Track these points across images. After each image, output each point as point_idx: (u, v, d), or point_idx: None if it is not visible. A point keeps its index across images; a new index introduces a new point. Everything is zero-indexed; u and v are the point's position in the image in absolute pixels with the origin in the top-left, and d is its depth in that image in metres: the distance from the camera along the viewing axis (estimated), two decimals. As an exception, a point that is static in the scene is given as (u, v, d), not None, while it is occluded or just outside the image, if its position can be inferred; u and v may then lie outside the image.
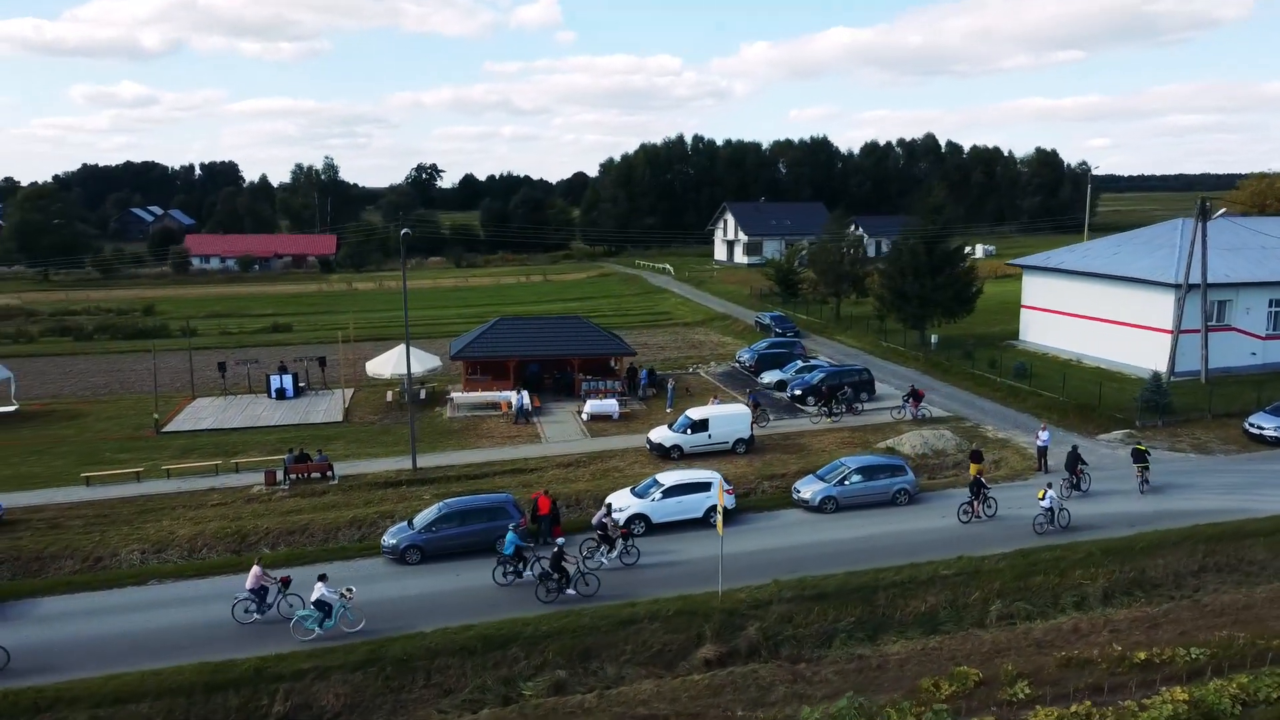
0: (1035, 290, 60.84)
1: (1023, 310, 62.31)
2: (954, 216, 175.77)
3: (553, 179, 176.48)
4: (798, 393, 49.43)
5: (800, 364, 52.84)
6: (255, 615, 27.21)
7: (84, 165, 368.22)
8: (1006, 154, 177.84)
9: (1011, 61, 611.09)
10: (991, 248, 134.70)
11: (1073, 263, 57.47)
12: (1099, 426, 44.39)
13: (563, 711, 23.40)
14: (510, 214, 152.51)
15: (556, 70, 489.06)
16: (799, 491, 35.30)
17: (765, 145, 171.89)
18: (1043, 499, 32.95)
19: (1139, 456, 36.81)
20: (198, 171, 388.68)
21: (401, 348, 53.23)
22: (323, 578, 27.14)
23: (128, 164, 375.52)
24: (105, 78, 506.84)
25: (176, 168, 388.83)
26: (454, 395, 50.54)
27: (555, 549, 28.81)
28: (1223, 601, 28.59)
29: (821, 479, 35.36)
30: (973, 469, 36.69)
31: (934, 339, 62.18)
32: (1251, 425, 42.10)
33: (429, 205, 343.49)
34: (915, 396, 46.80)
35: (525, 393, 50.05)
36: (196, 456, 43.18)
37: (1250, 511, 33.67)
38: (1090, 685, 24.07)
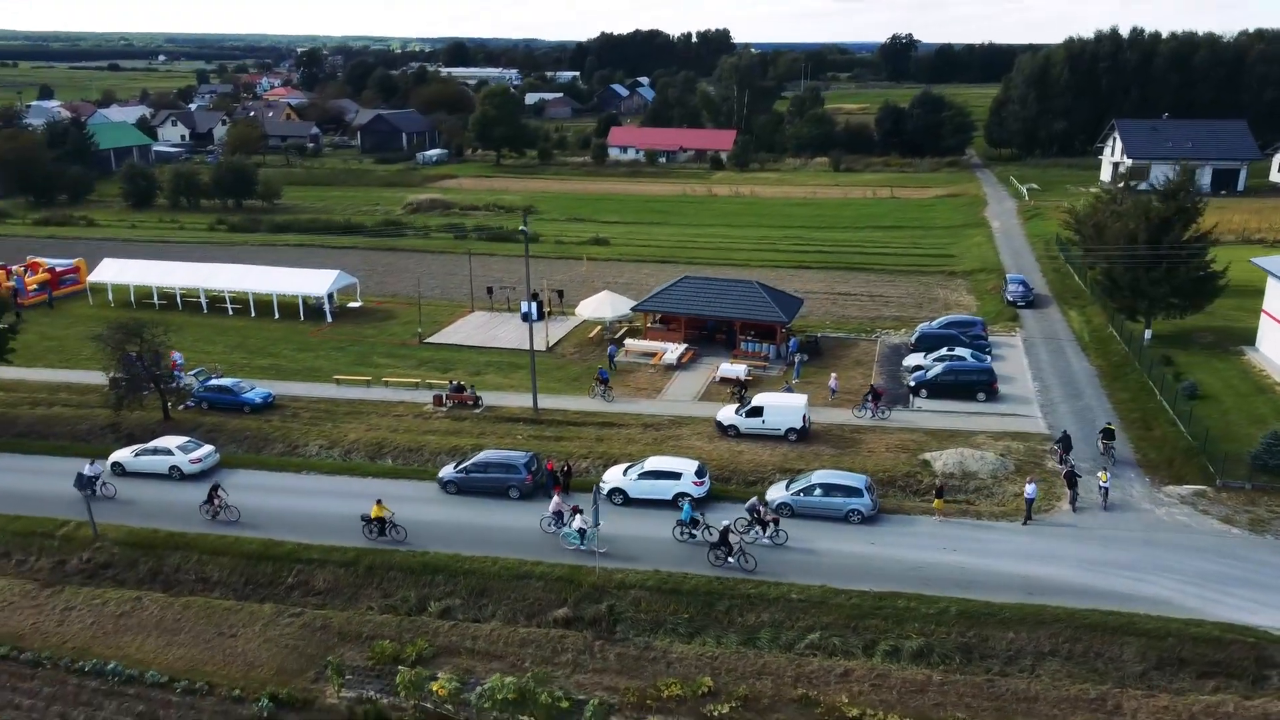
0: (1276, 296, 53.64)
1: (1262, 316, 55.22)
2: None
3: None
4: (912, 384, 51.59)
5: (945, 351, 53.96)
6: (554, 530, 37.94)
7: (601, 34, 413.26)
8: None
9: None
10: None
11: (1304, 275, 50.11)
12: (1175, 477, 41.90)
13: (426, 629, 33.96)
14: (906, 114, 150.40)
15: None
16: (766, 493, 40.61)
17: (1227, 37, 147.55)
18: (1104, 481, 39.43)
19: (1108, 434, 43.35)
20: (693, 38, 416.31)
21: (605, 293, 64.00)
22: (578, 510, 37.45)
23: (635, 33, 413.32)
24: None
25: (676, 36, 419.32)
26: (627, 342, 60.09)
27: (723, 526, 36.07)
28: (1015, 687, 30.31)
29: (788, 487, 40.21)
30: (936, 504, 39.13)
31: (1147, 334, 57.80)
32: (1339, 512, 37.50)
33: (897, 78, 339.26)
34: (875, 395, 48.06)
35: (683, 346, 58.34)
36: (425, 370, 58.17)
37: (1171, 607, 32.65)
38: (785, 721, 29.12)
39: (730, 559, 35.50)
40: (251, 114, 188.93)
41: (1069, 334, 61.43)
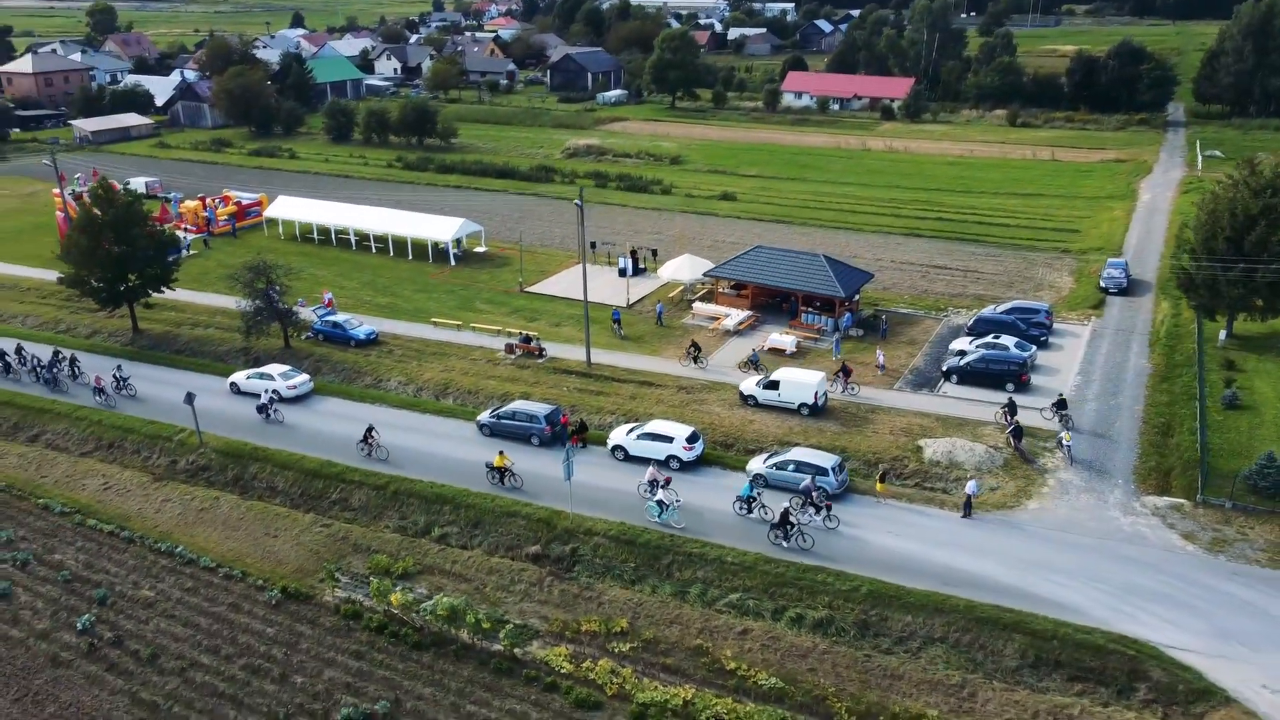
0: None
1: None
2: None
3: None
4: (944, 370, 53.05)
5: (990, 338, 54.66)
6: (657, 492, 40.93)
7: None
8: None
9: None
10: None
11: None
12: (1162, 487, 42.18)
13: (419, 550, 40.74)
14: (1100, 65, 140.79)
15: None
16: (748, 464, 44.42)
17: None
18: (1067, 441, 44.31)
19: (1060, 404, 47.36)
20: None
21: (686, 256, 68.16)
22: (667, 482, 41.12)
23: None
24: None
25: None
26: (695, 305, 64.12)
27: (783, 508, 38.95)
28: (887, 665, 33.54)
29: (767, 460, 43.81)
30: (879, 487, 41.85)
31: (1222, 335, 55.83)
32: (1304, 543, 37.11)
33: (1141, 13, 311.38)
34: (845, 372, 50.71)
35: (747, 313, 61.94)
36: (516, 318, 64.73)
37: (1076, 614, 34.41)
38: (670, 666, 34.00)
39: (790, 540, 38.87)
40: (459, 49, 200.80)
41: (1147, 328, 59.96)
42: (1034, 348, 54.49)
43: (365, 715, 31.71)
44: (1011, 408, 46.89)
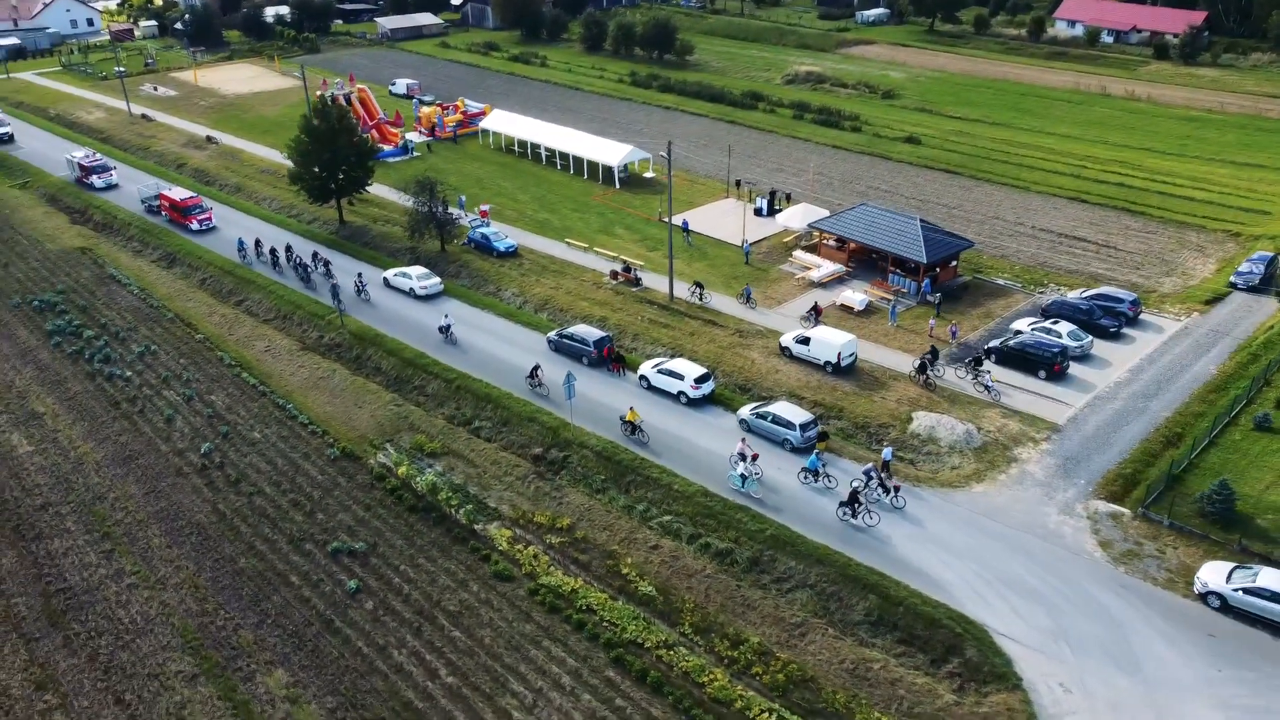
0: None
1: None
2: None
3: None
4: (985, 348, 54.67)
5: (1048, 323, 55.17)
6: (738, 465, 44.24)
7: None
8: None
9: None
10: None
11: None
12: (1116, 495, 43.24)
13: (451, 436, 50.73)
14: None
15: None
16: (738, 411, 50.05)
17: None
18: (991, 382, 50.90)
19: (977, 361, 52.23)
20: None
21: (804, 205, 72.15)
22: (754, 458, 44.82)
23: None
24: None
25: None
26: (795, 253, 68.19)
27: (851, 489, 42.15)
28: (750, 596, 39.40)
29: (753, 409, 49.22)
30: (820, 446, 46.25)
31: (1317, 348, 52.66)
32: (1200, 582, 37.75)
33: None
34: (816, 312, 56.61)
35: (836, 266, 65.61)
36: (638, 245, 72.19)
37: (936, 588, 38.26)
38: (581, 561, 42.08)
39: (858, 518, 42.17)
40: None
41: (1248, 333, 57.04)
42: (1089, 338, 54.52)
43: (348, 550, 42.61)
44: (934, 355, 52.82)
